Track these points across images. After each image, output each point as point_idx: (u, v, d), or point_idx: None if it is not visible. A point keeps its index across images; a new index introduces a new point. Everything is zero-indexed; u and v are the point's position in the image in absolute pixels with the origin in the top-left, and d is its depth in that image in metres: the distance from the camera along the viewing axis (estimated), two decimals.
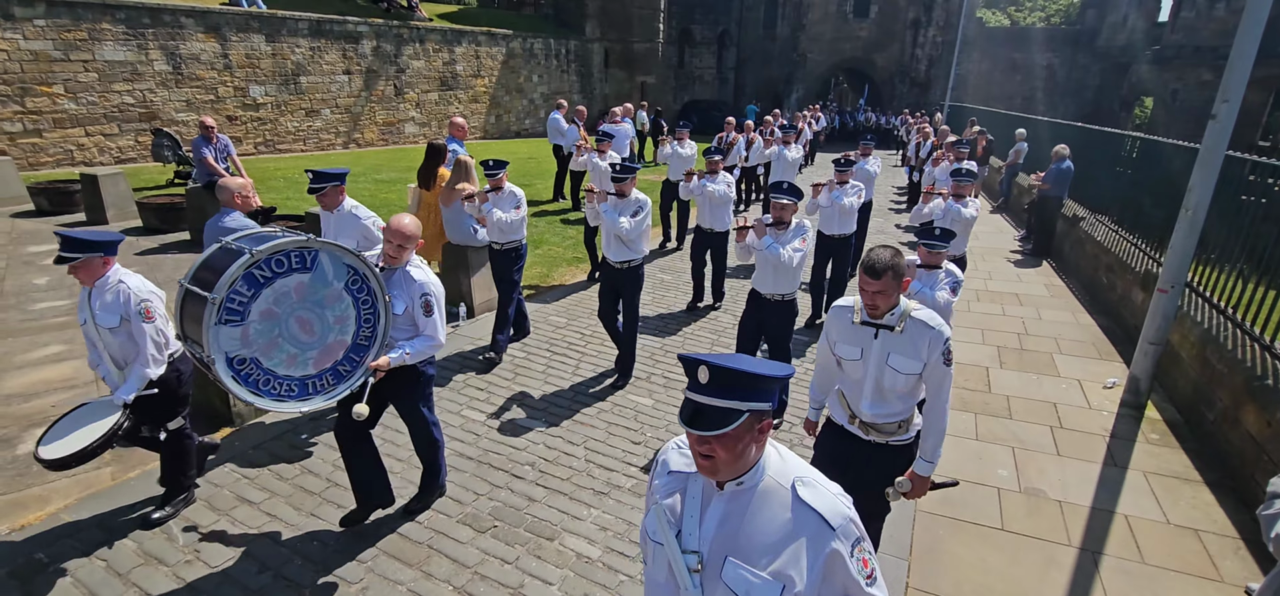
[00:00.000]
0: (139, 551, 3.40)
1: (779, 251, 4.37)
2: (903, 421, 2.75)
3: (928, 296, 3.87)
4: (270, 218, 8.65)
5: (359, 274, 3.13)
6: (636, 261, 5.22)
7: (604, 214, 5.05)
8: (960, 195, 6.14)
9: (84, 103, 13.71)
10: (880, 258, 2.45)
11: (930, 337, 2.54)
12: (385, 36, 19.69)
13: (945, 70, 27.56)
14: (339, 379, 3.18)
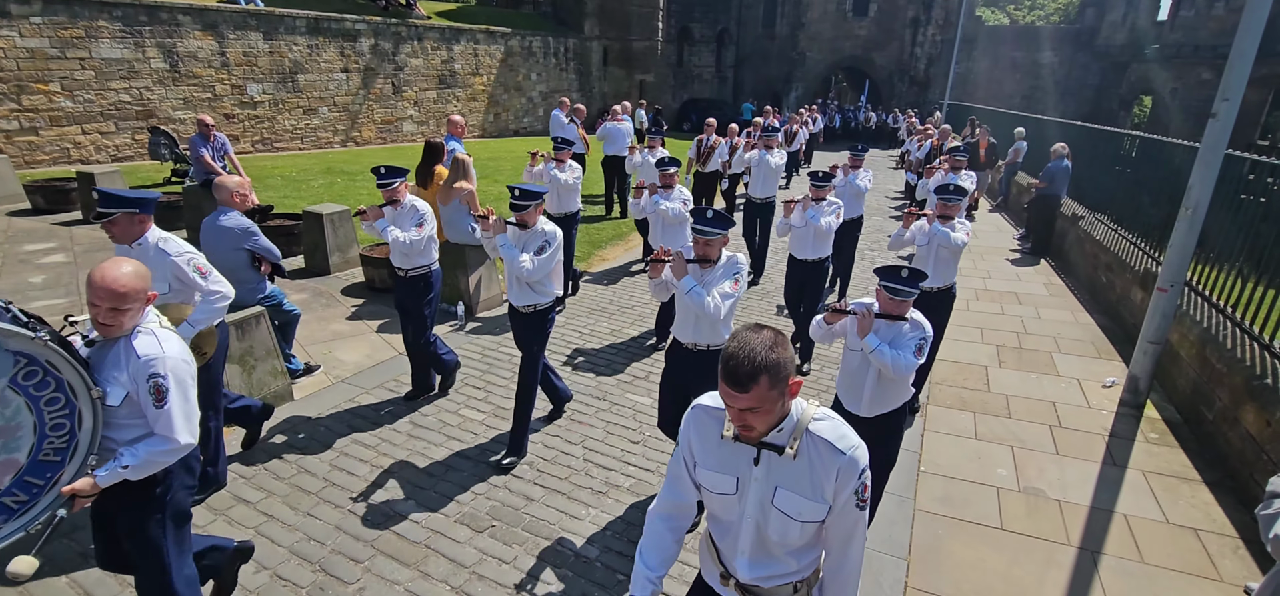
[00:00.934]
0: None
1: (702, 298, 3.31)
2: (799, 584, 1.85)
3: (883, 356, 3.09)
4: (267, 216, 8.65)
5: (37, 362, 2.17)
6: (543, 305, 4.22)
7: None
8: (946, 217, 4.84)
9: (81, 101, 13.66)
10: (746, 356, 1.55)
11: (840, 466, 1.67)
12: (383, 34, 19.65)
13: (945, 69, 27.54)
14: (6, 515, 2.21)
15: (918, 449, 4.68)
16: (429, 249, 4.70)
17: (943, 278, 4.77)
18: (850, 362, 3.32)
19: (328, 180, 13.16)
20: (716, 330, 3.49)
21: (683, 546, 2.09)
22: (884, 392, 3.24)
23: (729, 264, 3.40)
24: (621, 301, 7.39)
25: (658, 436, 4.69)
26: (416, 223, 4.57)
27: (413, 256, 4.64)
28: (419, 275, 4.69)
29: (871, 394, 3.24)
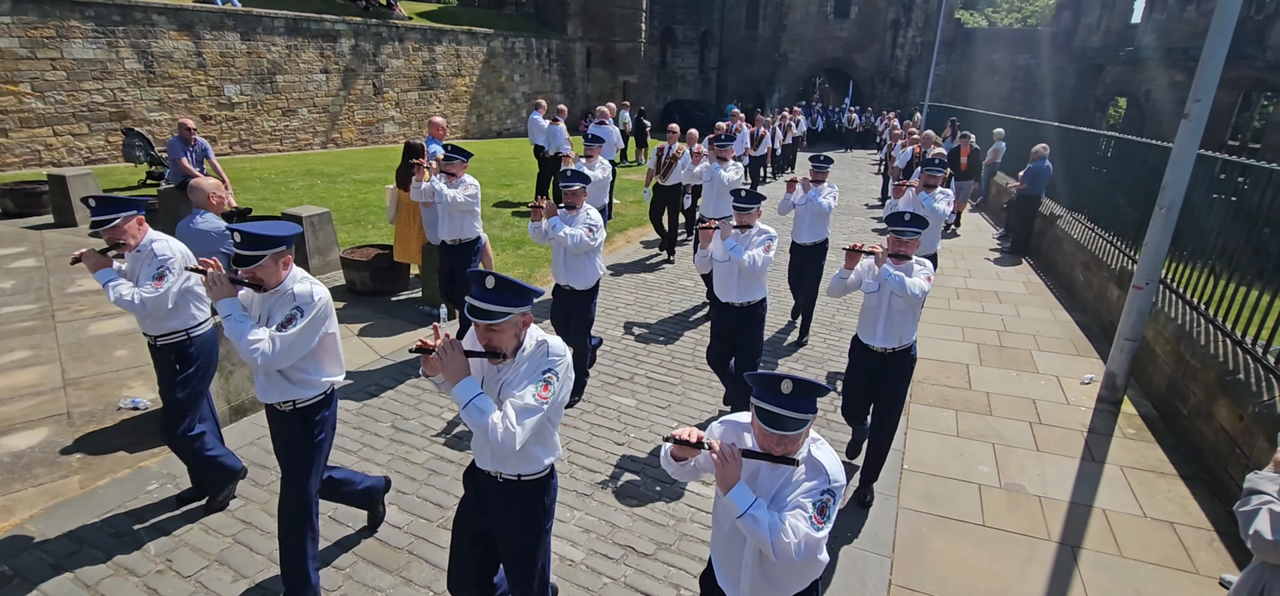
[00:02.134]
0: (108, 562, 3.30)
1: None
2: None
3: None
4: (246, 218, 8.51)
5: None
6: None
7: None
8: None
9: (52, 102, 13.37)
10: None
11: None
12: (363, 35, 19.46)
13: (925, 71, 27.85)
14: None
15: (901, 447, 4.71)
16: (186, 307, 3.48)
17: (897, 336, 3.71)
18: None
19: (307, 182, 13.00)
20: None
21: None
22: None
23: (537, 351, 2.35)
24: (606, 304, 7.37)
25: (642, 439, 4.68)
26: (154, 275, 3.31)
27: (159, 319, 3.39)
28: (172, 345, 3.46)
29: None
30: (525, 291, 2.21)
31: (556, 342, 2.34)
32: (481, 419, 2.15)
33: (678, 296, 7.73)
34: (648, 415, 4.99)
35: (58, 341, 5.73)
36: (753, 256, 4.20)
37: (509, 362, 2.30)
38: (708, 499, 4.02)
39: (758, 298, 4.48)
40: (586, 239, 4.62)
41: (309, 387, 2.91)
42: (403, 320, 6.55)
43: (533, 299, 2.25)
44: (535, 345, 2.33)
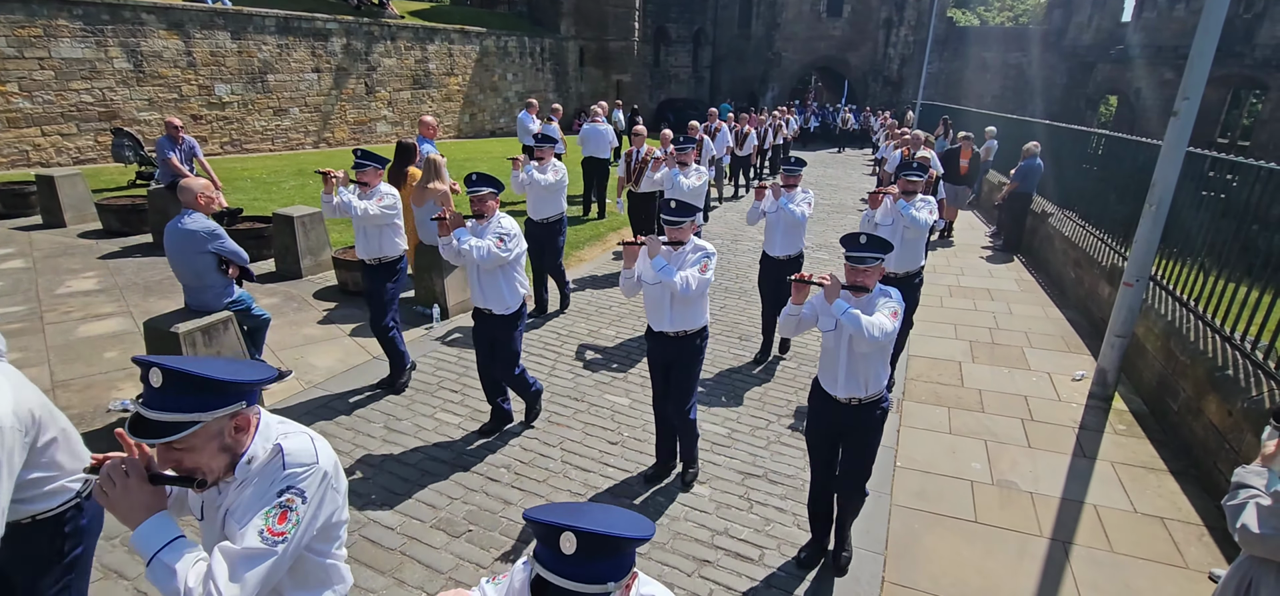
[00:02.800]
0: (97, 566, 3.27)
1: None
2: None
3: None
4: (237, 219, 8.47)
5: None
6: None
7: None
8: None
9: (40, 101, 13.26)
10: None
11: None
12: (355, 34, 19.38)
13: (917, 69, 27.96)
14: None
15: (894, 445, 4.73)
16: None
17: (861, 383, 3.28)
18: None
19: (299, 182, 12.93)
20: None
21: None
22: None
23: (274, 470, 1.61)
24: (599, 303, 7.37)
25: (636, 437, 4.68)
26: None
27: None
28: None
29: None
30: (216, 385, 1.45)
31: (302, 447, 1.63)
32: (170, 584, 1.41)
33: None
34: (641, 414, 4.99)
35: (46, 343, 5.68)
36: (685, 278, 3.56)
37: (230, 482, 1.59)
38: (701, 498, 4.03)
39: (695, 326, 3.82)
40: (495, 251, 3.98)
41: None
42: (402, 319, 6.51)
43: (237, 396, 1.50)
44: (269, 453, 1.59)
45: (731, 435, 4.74)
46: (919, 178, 5.05)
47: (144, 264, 7.61)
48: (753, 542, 3.67)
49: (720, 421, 4.92)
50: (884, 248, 3.06)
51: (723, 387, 5.46)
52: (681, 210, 3.65)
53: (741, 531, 3.76)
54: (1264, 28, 22.89)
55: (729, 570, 3.46)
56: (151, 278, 7.13)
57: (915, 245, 5.03)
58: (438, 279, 6.58)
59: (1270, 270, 4.45)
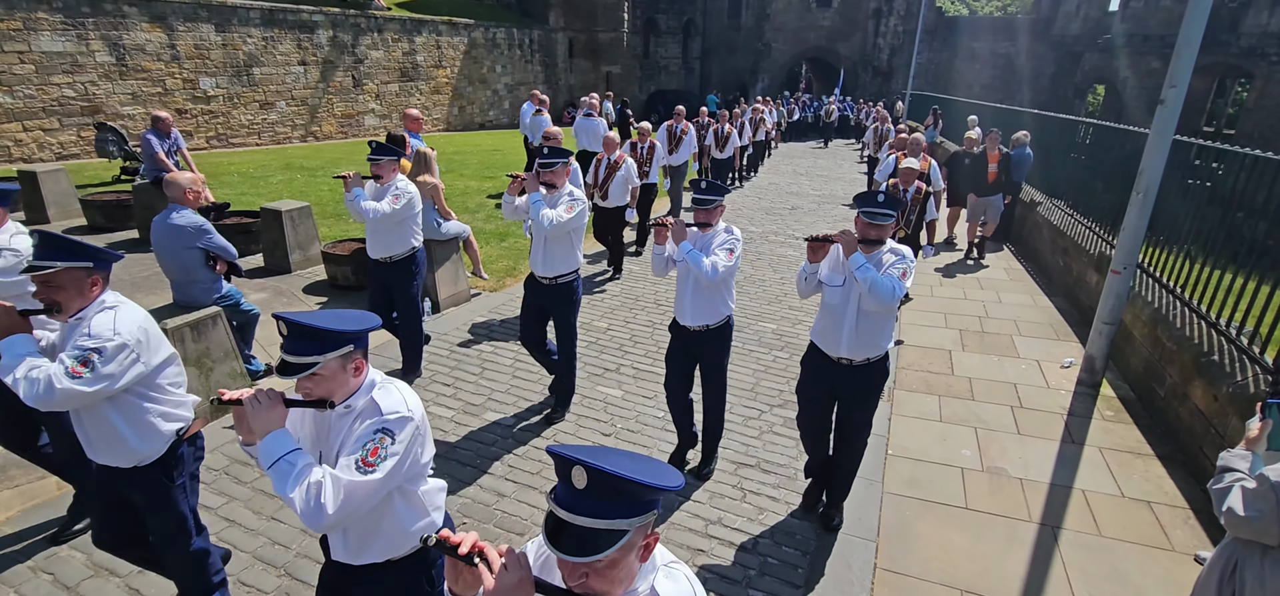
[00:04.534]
0: (88, 562, 3.25)
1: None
2: None
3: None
4: (224, 214, 8.39)
5: None
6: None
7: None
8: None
9: (20, 96, 13.06)
10: None
11: None
12: (342, 26, 19.20)
13: (907, 59, 28.02)
14: None
15: (885, 433, 4.76)
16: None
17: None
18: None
19: (287, 176, 12.82)
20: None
21: None
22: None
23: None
24: (592, 296, 7.36)
25: (629, 429, 4.69)
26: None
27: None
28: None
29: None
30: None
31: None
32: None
33: (663, 286, 7.72)
34: (634, 406, 5.00)
35: None
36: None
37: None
38: (692, 486, 4.04)
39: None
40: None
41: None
42: None
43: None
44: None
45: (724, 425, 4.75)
46: (887, 219, 3.10)
47: (130, 260, 7.52)
48: (746, 532, 3.69)
49: None
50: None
51: None
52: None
53: (735, 520, 3.78)
54: (1249, 16, 23.08)
55: (724, 559, 3.48)
56: (138, 273, 7.05)
57: (878, 324, 3.22)
58: (428, 272, 6.54)
59: (1255, 257, 4.51)
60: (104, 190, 10.27)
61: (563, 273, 4.39)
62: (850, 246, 3.06)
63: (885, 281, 3.00)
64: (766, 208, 12.62)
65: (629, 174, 7.31)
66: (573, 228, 4.23)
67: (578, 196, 4.22)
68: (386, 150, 4.65)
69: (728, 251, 3.44)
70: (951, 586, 3.36)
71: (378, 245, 4.84)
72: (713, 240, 3.57)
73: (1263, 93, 23.14)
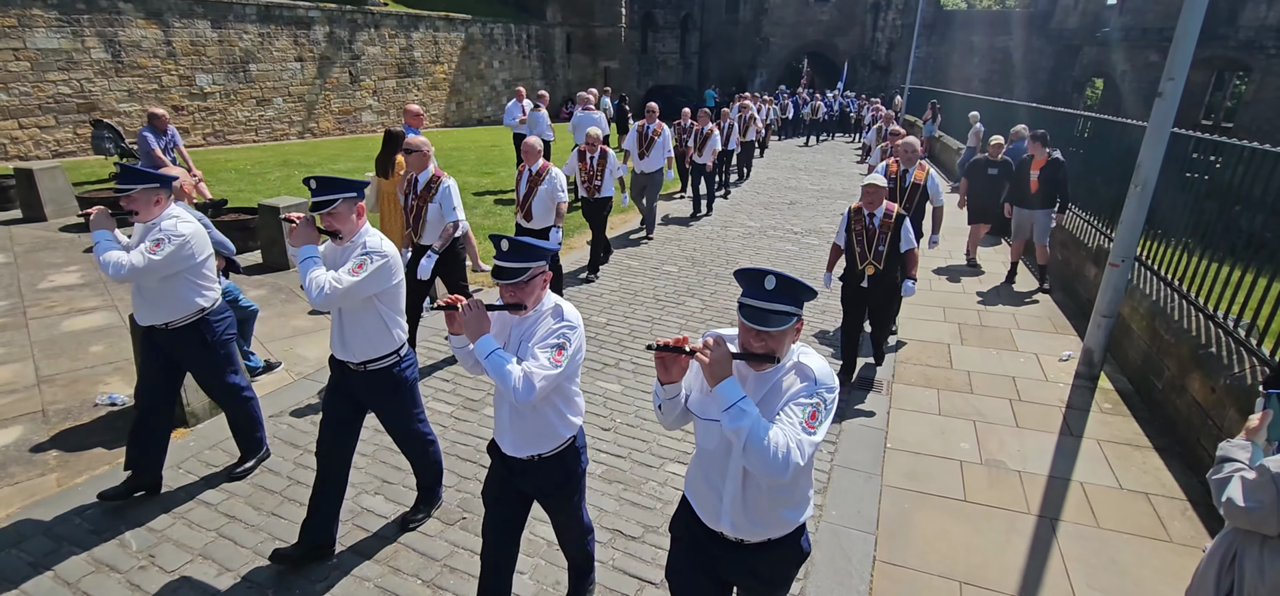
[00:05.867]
0: (89, 559, 3.26)
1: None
2: None
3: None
4: (221, 211, 8.37)
5: None
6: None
7: None
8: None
9: (16, 94, 13.01)
10: None
11: None
12: (338, 22, 19.13)
13: (905, 54, 27.99)
14: None
15: (884, 426, 4.77)
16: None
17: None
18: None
19: (284, 172, 12.79)
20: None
21: None
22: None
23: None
24: (589, 290, 7.36)
25: (629, 424, 4.69)
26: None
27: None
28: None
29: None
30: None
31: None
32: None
33: (662, 281, 7.73)
34: (633, 400, 5.00)
35: (30, 338, 5.61)
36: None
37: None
38: None
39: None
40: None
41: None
42: None
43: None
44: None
45: None
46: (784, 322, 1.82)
47: None
48: None
49: None
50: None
51: None
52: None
53: None
54: (1248, 10, 23.08)
55: None
56: None
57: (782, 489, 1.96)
58: None
59: (1253, 250, 4.52)
60: (101, 187, 10.24)
61: (374, 356, 3.12)
62: (717, 369, 1.74)
63: (771, 443, 1.69)
64: (765, 202, 12.62)
65: (553, 187, 5.96)
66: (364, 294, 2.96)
67: (379, 251, 2.98)
68: (135, 176, 3.27)
69: (555, 349, 2.26)
70: (950, 578, 3.37)
71: (146, 308, 3.46)
72: (534, 330, 2.34)
73: (1261, 86, 23.17)
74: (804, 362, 1.92)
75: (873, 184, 4.96)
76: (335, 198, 2.98)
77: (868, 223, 5.01)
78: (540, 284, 2.40)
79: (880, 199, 4.96)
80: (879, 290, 5.12)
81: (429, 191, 5.06)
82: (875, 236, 4.98)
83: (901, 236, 4.97)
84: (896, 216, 4.94)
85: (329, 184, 2.98)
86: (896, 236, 4.96)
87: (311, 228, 2.97)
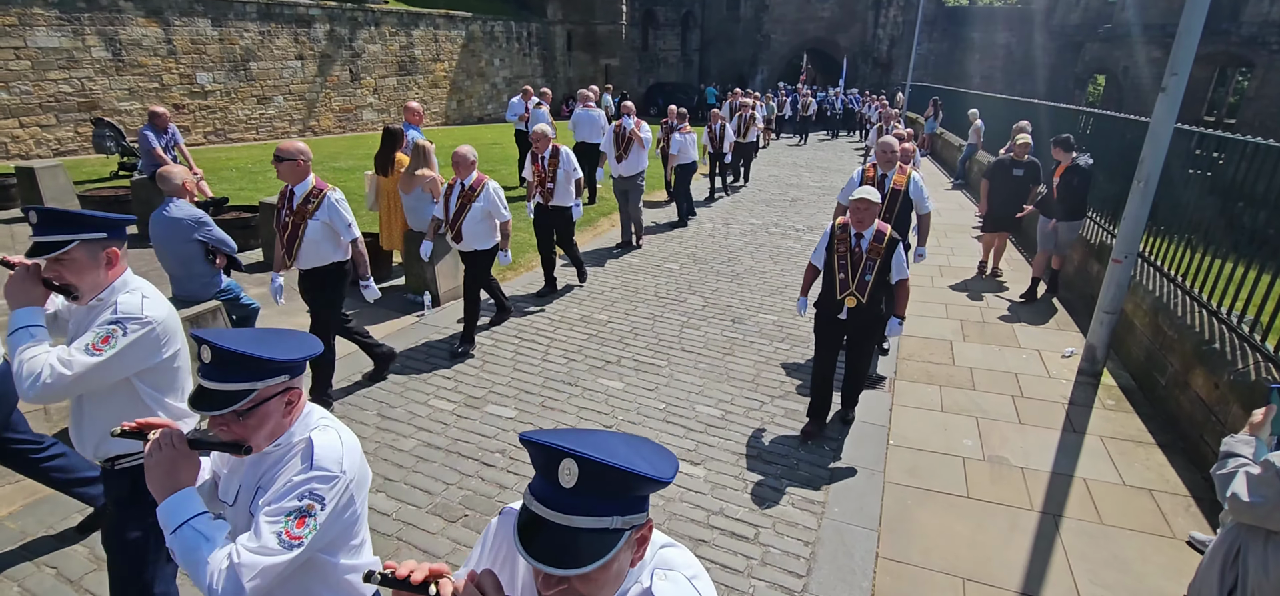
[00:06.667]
0: (91, 556, 3.26)
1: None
2: None
3: None
4: (222, 208, 8.37)
5: None
6: None
7: None
8: None
9: (17, 92, 13.01)
10: None
11: None
12: (339, 20, 19.12)
13: (907, 50, 27.92)
14: None
15: (887, 423, 4.76)
16: None
17: None
18: None
19: None
20: None
21: None
22: None
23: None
24: (592, 286, 7.35)
25: (630, 421, 4.69)
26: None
27: None
28: None
29: None
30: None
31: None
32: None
33: (663, 279, 7.72)
34: (635, 397, 4.99)
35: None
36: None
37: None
38: (696, 478, 4.04)
39: None
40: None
41: None
42: (387, 308, 6.48)
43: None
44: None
45: (725, 416, 4.76)
46: None
47: (131, 255, 7.50)
48: (748, 521, 3.70)
49: (714, 402, 4.94)
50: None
51: (716, 370, 5.47)
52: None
53: (737, 510, 3.78)
54: (1250, 5, 23.01)
55: (725, 549, 3.48)
56: (137, 268, 7.00)
57: None
58: (427, 266, 6.53)
59: (1256, 246, 4.50)
60: (102, 186, 10.24)
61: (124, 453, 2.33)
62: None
63: None
64: (766, 200, 12.60)
65: (491, 203, 5.40)
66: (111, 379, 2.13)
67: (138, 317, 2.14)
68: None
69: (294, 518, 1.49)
70: (954, 574, 3.37)
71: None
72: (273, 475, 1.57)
73: (1263, 81, 23.10)
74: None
75: (863, 198, 4.04)
76: (68, 239, 2.03)
77: (853, 244, 4.15)
78: (276, 409, 1.55)
79: (871, 217, 4.10)
80: (859, 324, 4.27)
81: (308, 207, 4.26)
82: (861, 262, 4.12)
83: (893, 264, 4.16)
84: (888, 240, 4.11)
85: (58, 220, 2.03)
86: (886, 264, 4.14)
87: (33, 279, 2.06)
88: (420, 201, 6.32)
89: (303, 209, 4.25)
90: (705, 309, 6.82)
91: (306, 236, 4.27)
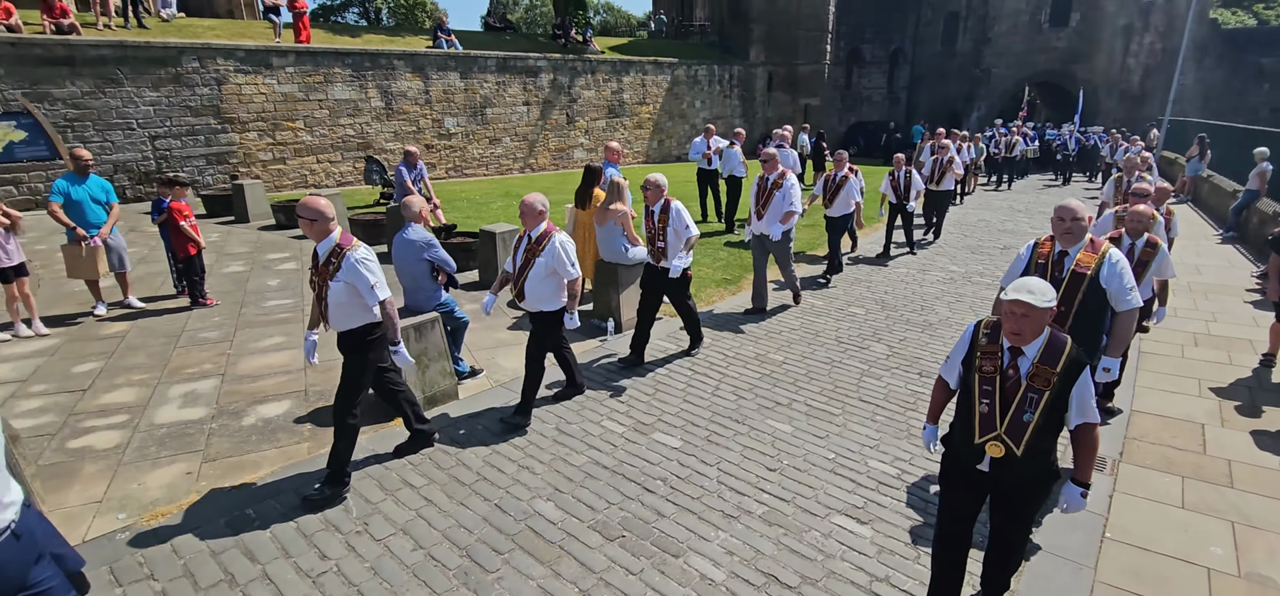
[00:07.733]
0: (321, 519, 3.92)
1: None
2: None
3: None
4: (452, 234, 9.66)
5: None
6: None
7: None
8: None
9: (317, 134, 16.33)
10: None
11: None
12: (561, 70, 21.23)
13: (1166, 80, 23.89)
14: None
15: (1104, 511, 4.07)
16: None
17: None
18: None
19: (505, 202, 14.41)
20: None
21: None
22: None
23: None
24: (770, 327, 7.26)
25: (796, 467, 4.53)
26: None
27: None
28: None
29: None
30: None
31: None
32: None
33: (846, 322, 7.38)
34: (803, 443, 4.82)
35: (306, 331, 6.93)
36: None
37: None
38: (861, 538, 3.79)
39: None
40: None
41: None
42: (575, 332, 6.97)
43: None
44: None
45: (901, 475, 4.41)
46: None
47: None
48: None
49: (889, 460, 4.59)
50: None
51: (895, 424, 5.09)
52: None
53: (905, 581, 3.46)
54: None
55: None
56: None
57: None
58: (614, 294, 6.94)
59: None
60: (365, 211, 12.38)
61: None
62: None
63: None
64: (972, 246, 11.49)
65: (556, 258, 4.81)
66: None
67: None
68: None
69: None
70: None
71: None
72: None
73: None
74: None
75: (1019, 300, 2.54)
76: None
77: (1006, 363, 2.69)
78: None
79: (1033, 330, 2.60)
80: (1009, 483, 2.79)
81: (328, 267, 3.92)
82: (1017, 393, 2.64)
83: (1073, 401, 2.63)
84: (1067, 361, 2.59)
85: None
86: (1061, 399, 2.62)
87: None
88: (612, 234, 6.76)
89: (325, 269, 3.94)
90: (889, 358, 6.39)
91: (330, 299, 3.94)
